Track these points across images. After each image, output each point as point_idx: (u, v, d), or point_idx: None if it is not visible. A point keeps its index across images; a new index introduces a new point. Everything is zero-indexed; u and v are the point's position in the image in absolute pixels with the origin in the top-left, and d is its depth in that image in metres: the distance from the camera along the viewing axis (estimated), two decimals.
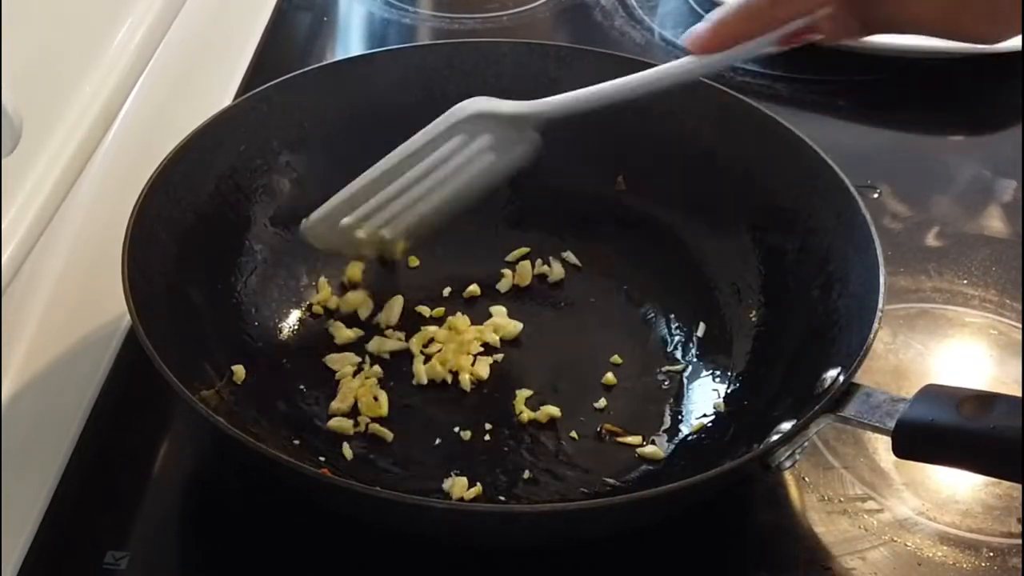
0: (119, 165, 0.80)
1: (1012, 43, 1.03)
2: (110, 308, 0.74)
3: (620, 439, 0.71)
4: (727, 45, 0.66)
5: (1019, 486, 0.69)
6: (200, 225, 0.74)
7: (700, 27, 0.66)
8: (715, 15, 0.66)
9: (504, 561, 0.65)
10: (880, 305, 0.65)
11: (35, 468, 0.66)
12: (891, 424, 0.61)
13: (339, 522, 0.65)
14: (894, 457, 0.64)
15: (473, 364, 0.75)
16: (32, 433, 0.67)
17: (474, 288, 0.81)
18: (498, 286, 0.82)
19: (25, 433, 0.66)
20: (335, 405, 0.72)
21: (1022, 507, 0.68)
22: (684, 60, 0.68)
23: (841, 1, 0.63)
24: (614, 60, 0.86)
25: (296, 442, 0.69)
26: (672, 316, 0.79)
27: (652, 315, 0.79)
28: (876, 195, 0.92)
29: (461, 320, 0.78)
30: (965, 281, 0.85)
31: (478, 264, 0.82)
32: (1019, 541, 0.67)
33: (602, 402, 0.74)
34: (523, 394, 0.74)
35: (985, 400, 0.60)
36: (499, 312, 0.79)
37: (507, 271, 0.82)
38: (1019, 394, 0.65)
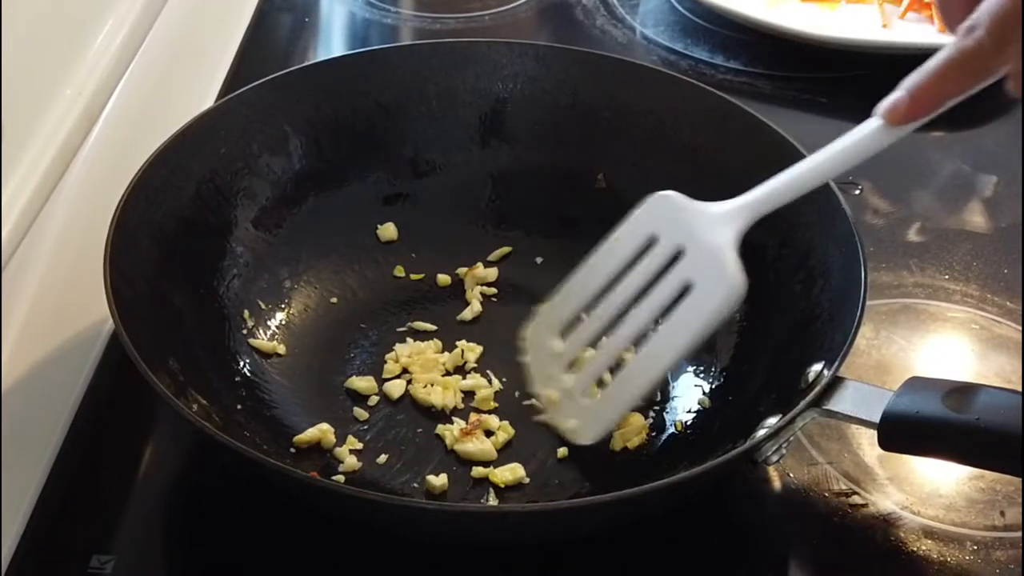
0: (100, 168, 0.80)
1: None
2: (93, 312, 0.74)
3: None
4: (925, 112, 0.61)
5: (1003, 479, 0.69)
6: (181, 229, 0.74)
7: (897, 97, 0.61)
8: (911, 82, 0.60)
9: (492, 561, 0.65)
10: (863, 298, 0.65)
11: (20, 472, 0.66)
12: (876, 417, 0.61)
13: (326, 523, 0.65)
14: (878, 452, 0.64)
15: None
16: (17, 437, 0.66)
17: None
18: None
19: (9, 437, 0.66)
20: None
21: (1023, 497, 0.69)
22: (875, 128, 0.63)
23: None
24: (594, 59, 0.86)
25: (284, 448, 0.69)
26: None
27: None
28: (857, 191, 0.92)
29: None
30: (947, 276, 0.85)
31: (461, 263, 0.82)
32: (1002, 534, 0.67)
33: None
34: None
35: (969, 392, 0.61)
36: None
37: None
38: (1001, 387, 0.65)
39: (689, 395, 0.74)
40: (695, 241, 0.65)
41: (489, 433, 0.71)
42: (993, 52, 0.56)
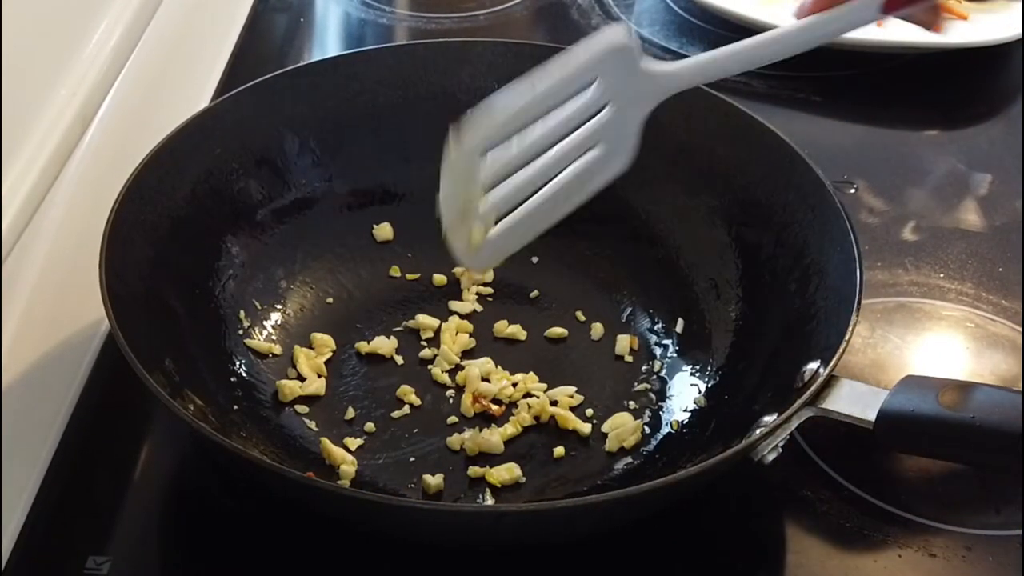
0: (95, 169, 0.80)
1: (985, 37, 1.04)
2: (88, 313, 0.74)
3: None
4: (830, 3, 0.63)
5: (999, 478, 0.69)
6: (177, 229, 0.74)
7: None
8: None
9: (490, 561, 0.65)
10: (858, 296, 0.66)
11: (16, 473, 0.66)
12: (872, 415, 0.61)
13: (322, 524, 0.65)
14: (874, 450, 0.64)
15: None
16: (12, 439, 0.66)
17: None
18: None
19: (6, 438, 0.66)
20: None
21: (1021, 496, 0.69)
22: (801, 24, 0.65)
23: None
24: None
25: (280, 448, 0.69)
26: (651, 312, 0.79)
27: (630, 312, 0.80)
28: (853, 190, 0.92)
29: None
30: (942, 275, 0.85)
31: (454, 262, 0.81)
32: (999, 533, 0.67)
33: (581, 399, 0.74)
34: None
35: (965, 390, 0.61)
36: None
37: None
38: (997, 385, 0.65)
39: (685, 394, 0.74)
40: (619, 104, 0.66)
41: (491, 420, 0.72)
42: None
